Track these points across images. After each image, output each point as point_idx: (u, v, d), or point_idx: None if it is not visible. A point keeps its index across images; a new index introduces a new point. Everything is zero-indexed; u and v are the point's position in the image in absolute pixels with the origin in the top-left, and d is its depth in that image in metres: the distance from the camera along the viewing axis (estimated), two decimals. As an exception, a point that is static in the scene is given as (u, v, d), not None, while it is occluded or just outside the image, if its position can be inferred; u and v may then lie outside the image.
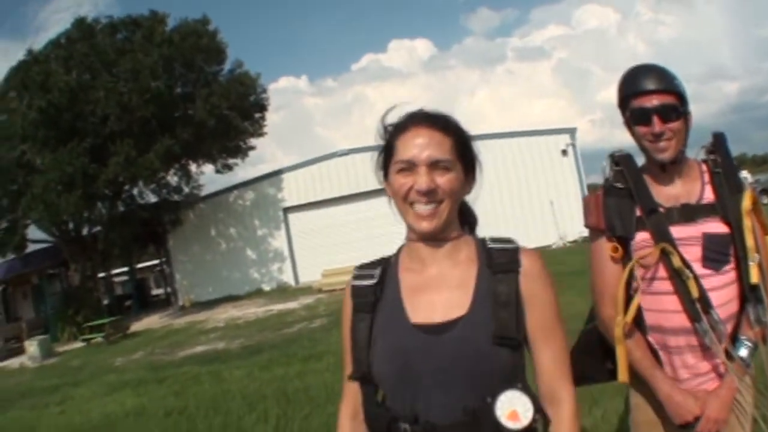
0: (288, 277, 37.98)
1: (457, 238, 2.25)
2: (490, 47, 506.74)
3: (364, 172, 37.39)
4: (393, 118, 2.29)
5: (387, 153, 2.23)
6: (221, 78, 35.32)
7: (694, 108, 2.98)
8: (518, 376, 2.07)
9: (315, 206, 35.69)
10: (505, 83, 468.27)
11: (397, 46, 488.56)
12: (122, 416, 10.73)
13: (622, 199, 2.95)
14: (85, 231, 34.53)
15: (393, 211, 2.26)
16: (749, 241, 2.78)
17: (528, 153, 37.55)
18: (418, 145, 2.12)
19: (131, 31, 33.00)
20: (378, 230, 33.05)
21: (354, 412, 2.29)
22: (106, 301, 38.67)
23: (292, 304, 26.89)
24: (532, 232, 35.04)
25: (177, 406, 10.68)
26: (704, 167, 2.99)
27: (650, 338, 2.97)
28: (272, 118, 37.30)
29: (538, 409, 2.02)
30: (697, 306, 2.79)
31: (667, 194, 2.93)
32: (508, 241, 2.28)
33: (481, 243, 2.28)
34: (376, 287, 2.21)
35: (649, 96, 2.83)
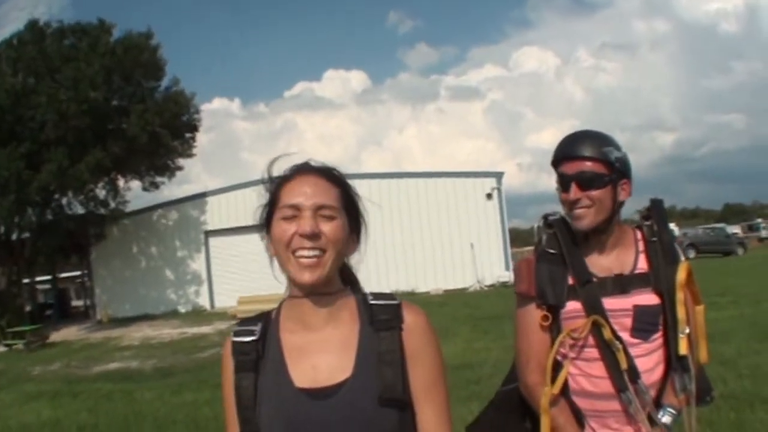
0: (204, 301, 38.01)
1: (339, 295, 2.16)
2: (424, 84, 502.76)
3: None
4: (279, 170, 2.27)
5: (270, 204, 2.17)
6: (157, 94, 35.24)
7: (629, 157, 2.96)
8: None
9: (236, 232, 35.23)
10: (434, 122, 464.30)
11: (332, 76, 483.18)
12: (38, 427, 10.83)
13: (554, 266, 2.91)
14: (14, 236, 34.32)
15: (274, 269, 2.18)
16: (680, 314, 2.80)
17: (453, 194, 37.67)
18: (304, 192, 2.09)
19: (78, 38, 32.94)
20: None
21: None
22: (28, 308, 38.36)
23: (206, 329, 27.04)
24: (450, 273, 35.52)
25: (89, 423, 10.79)
26: (639, 235, 2.99)
27: (575, 401, 2.96)
28: (201, 139, 37.21)
29: None
30: (624, 376, 2.80)
31: (600, 264, 2.90)
32: (390, 296, 2.21)
33: (363, 299, 2.19)
34: (257, 344, 2.13)
35: (572, 163, 2.83)
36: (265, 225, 2.17)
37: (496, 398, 3.29)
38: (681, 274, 2.81)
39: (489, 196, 38.29)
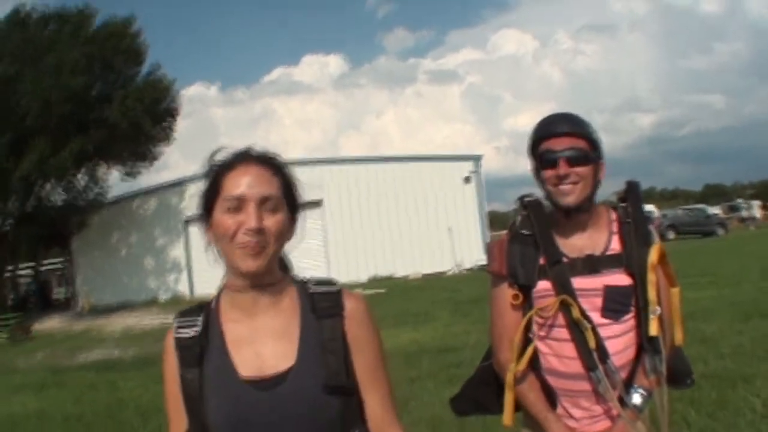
0: (184, 288, 38.12)
1: (279, 284, 2.19)
2: (402, 68, 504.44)
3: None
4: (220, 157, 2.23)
5: (211, 192, 2.14)
6: (138, 80, 35.33)
7: (607, 139, 2.98)
8: (355, 422, 2.13)
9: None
10: (412, 105, 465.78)
11: (310, 61, 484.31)
12: (24, 418, 10.87)
13: (526, 247, 2.94)
14: (-4, 227, 34.13)
15: (211, 256, 2.21)
16: (651, 295, 2.81)
17: (430, 178, 37.86)
18: (247, 183, 2.08)
19: (60, 25, 32.87)
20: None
21: None
22: (11, 298, 38.33)
23: (186, 317, 26.93)
24: (429, 257, 35.61)
25: (75, 413, 10.83)
26: (613, 216, 3.01)
27: (548, 380, 3.00)
28: (180, 125, 37.13)
29: None
30: (593, 355, 2.82)
31: (573, 244, 2.93)
32: (330, 282, 2.25)
33: (302, 287, 2.23)
34: (201, 338, 2.13)
35: (559, 139, 2.83)
36: (205, 213, 2.16)
37: (476, 373, 3.35)
38: (653, 256, 2.84)
39: (467, 179, 38.63)
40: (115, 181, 37.76)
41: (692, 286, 18.07)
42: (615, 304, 2.87)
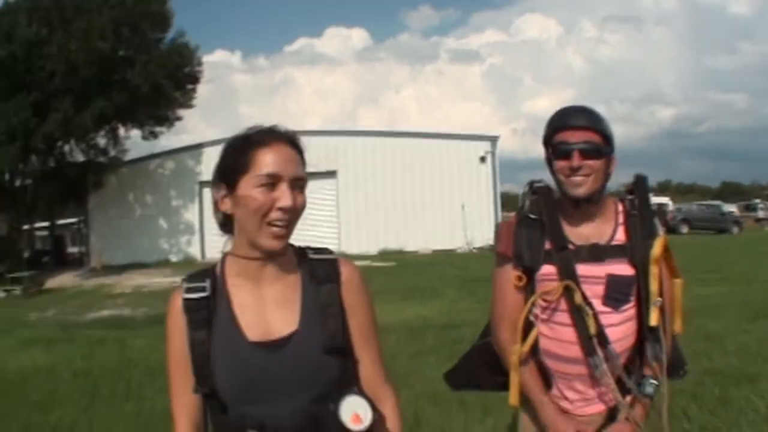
0: (195, 251, 38.31)
1: (284, 254, 2.27)
2: (424, 45, 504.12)
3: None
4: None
5: (241, 165, 2.18)
6: (162, 45, 35.47)
7: (626, 129, 3.01)
8: (352, 381, 2.25)
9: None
10: (432, 83, 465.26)
11: (333, 33, 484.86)
12: (34, 372, 10.91)
13: (533, 231, 2.99)
14: (17, 183, 34.59)
15: (211, 223, 2.30)
16: (653, 286, 2.87)
17: (447, 156, 37.90)
18: (281, 162, 2.15)
19: (92, -10, 32.84)
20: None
21: (193, 428, 2.30)
22: (26, 254, 38.52)
23: (197, 278, 27.03)
24: (440, 234, 35.63)
25: (83, 369, 10.89)
26: (620, 207, 3.05)
27: (544, 361, 3.06)
28: (200, 90, 37.23)
29: (375, 409, 2.19)
30: (593, 341, 2.88)
31: (579, 232, 2.98)
32: (327, 251, 2.35)
33: (302, 255, 2.33)
34: (209, 300, 2.22)
35: (574, 131, 2.87)
36: (231, 184, 2.20)
37: (472, 351, 3.44)
38: (657, 249, 2.89)
39: (482, 159, 38.52)
40: (134, 142, 37.91)
41: (702, 282, 18.07)
42: (616, 293, 2.93)
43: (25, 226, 39.87)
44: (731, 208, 68.83)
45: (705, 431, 6.47)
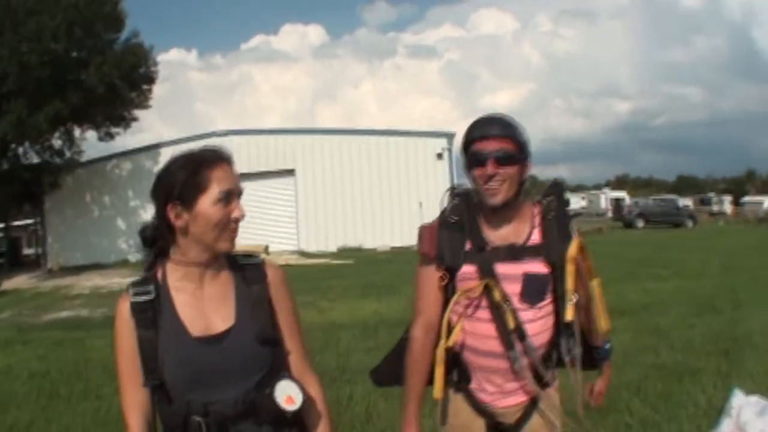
0: (155, 250, 38.02)
1: (219, 259, 2.57)
2: (382, 41, 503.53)
3: (240, 155, 38.00)
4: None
5: (197, 186, 2.43)
6: (116, 46, 35.29)
7: (583, 123, 3.14)
8: (282, 368, 2.59)
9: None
10: (390, 78, 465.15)
11: (289, 30, 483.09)
12: None
13: (454, 233, 3.15)
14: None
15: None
16: (569, 284, 3.03)
17: (403, 153, 38.24)
18: (231, 180, 2.48)
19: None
20: (249, 212, 33.34)
21: (144, 423, 2.52)
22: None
23: (155, 279, 26.89)
24: (398, 231, 35.82)
25: (41, 370, 10.88)
26: (537, 210, 3.19)
27: (465, 356, 3.20)
28: (156, 89, 37.38)
29: (305, 392, 2.52)
30: (512, 335, 3.04)
31: (497, 234, 3.12)
32: (254, 256, 2.68)
33: (232, 260, 2.62)
34: (154, 303, 2.47)
35: (489, 141, 3.01)
36: (187, 202, 2.45)
37: (398, 345, 3.52)
38: (572, 249, 3.07)
39: (440, 156, 38.82)
40: (91, 142, 37.81)
41: (654, 278, 18.55)
42: (533, 290, 3.09)
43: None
44: (687, 201, 69.57)
45: (645, 425, 6.63)
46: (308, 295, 18.51)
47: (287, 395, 2.47)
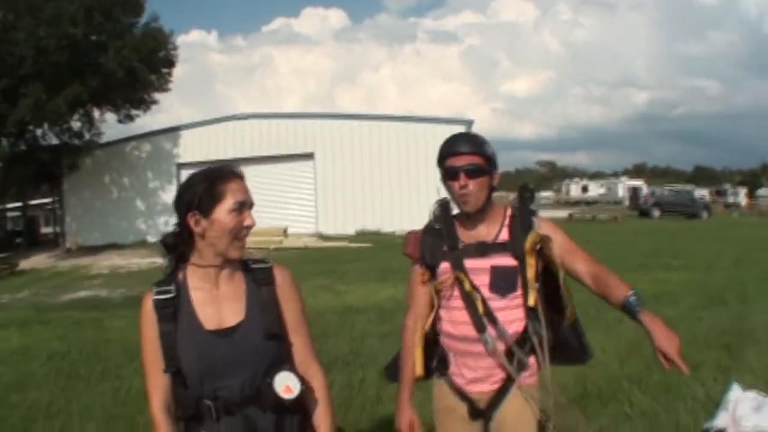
0: (175, 231, 38.21)
1: (233, 262, 2.87)
2: (402, 26, 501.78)
3: (261, 138, 38.02)
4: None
5: (214, 197, 2.74)
6: (135, 30, 35.37)
7: (602, 111, 3.37)
8: (286, 360, 2.88)
9: (208, 166, 34.88)
10: (410, 63, 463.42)
11: (310, 13, 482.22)
12: (8, 354, 11.03)
13: (435, 238, 3.63)
14: (-14, 166, 34.19)
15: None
16: (529, 274, 3.41)
17: (423, 138, 37.95)
18: (244, 192, 2.78)
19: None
20: (268, 195, 34.07)
21: (164, 403, 2.87)
22: (-2, 236, 38.58)
23: (174, 260, 26.99)
24: (416, 216, 35.97)
25: (60, 350, 11.03)
26: (509, 212, 3.62)
27: (444, 341, 3.64)
28: (176, 71, 37.58)
29: (304, 382, 2.81)
30: (483, 319, 3.44)
31: (470, 234, 3.56)
32: (263, 261, 2.97)
33: (245, 264, 2.92)
34: (175, 300, 2.80)
35: (460, 156, 3.46)
36: (205, 211, 2.76)
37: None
38: (528, 242, 3.44)
39: (451, 137, 38.47)
40: (110, 124, 37.98)
41: (665, 268, 18.66)
42: (500, 281, 3.47)
43: (-3, 207, 39.54)
44: (703, 192, 69.35)
45: (645, 416, 6.77)
46: (325, 278, 18.89)
47: (285, 385, 2.77)
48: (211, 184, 2.79)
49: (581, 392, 7.21)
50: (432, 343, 3.69)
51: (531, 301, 3.45)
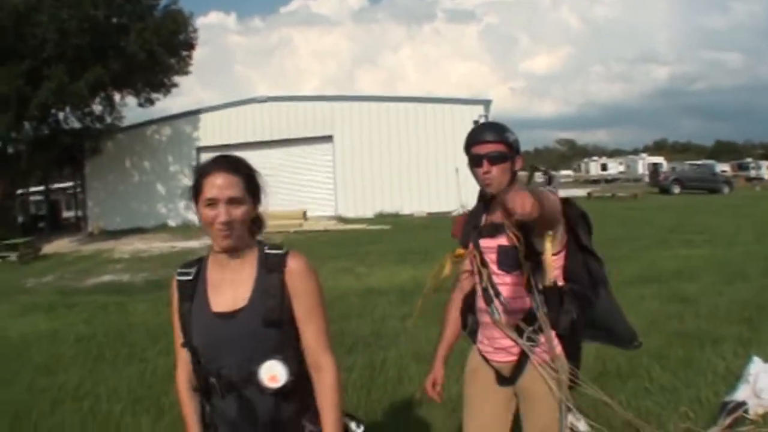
0: (194, 216, 38.12)
1: (246, 248, 2.99)
2: (421, 5, 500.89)
3: (280, 121, 38.13)
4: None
5: (196, 190, 2.93)
6: (156, 12, 35.44)
7: (622, 88, 3.52)
8: (284, 348, 2.93)
9: (228, 149, 34.16)
10: (430, 42, 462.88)
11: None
12: (37, 338, 11.16)
13: (470, 219, 4.01)
14: (10, 149, 34.66)
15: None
16: (521, 254, 3.62)
17: (441, 119, 38.18)
18: (218, 187, 2.85)
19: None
20: (288, 178, 34.59)
21: (188, 377, 3.11)
22: (20, 219, 38.77)
23: (194, 243, 27.45)
24: (435, 197, 35.89)
25: (86, 334, 11.21)
26: None
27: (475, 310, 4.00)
28: (196, 53, 37.67)
29: (294, 374, 2.90)
30: (490, 292, 3.76)
31: (492, 216, 3.83)
32: (280, 247, 3.02)
33: (261, 249, 3.02)
34: (194, 282, 3.02)
35: (483, 145, 3.71)
36: (195, 201, 2.96)
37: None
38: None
39: (476, 123, 38.20)
40: (130, 107, 38.11)
41: (686, 244, 18.70)
42: (505, 258, 3.71)
43: (19, 191, 40.08)
44: (724, 167, 68.99)
45: (665, 391, 6.81)
46: (346, 260, 19.00)
47: (271, 374, 2.89)
48: (198, 176, 2.96)
49: (600, 370, 7.24)
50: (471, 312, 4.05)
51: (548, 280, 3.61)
